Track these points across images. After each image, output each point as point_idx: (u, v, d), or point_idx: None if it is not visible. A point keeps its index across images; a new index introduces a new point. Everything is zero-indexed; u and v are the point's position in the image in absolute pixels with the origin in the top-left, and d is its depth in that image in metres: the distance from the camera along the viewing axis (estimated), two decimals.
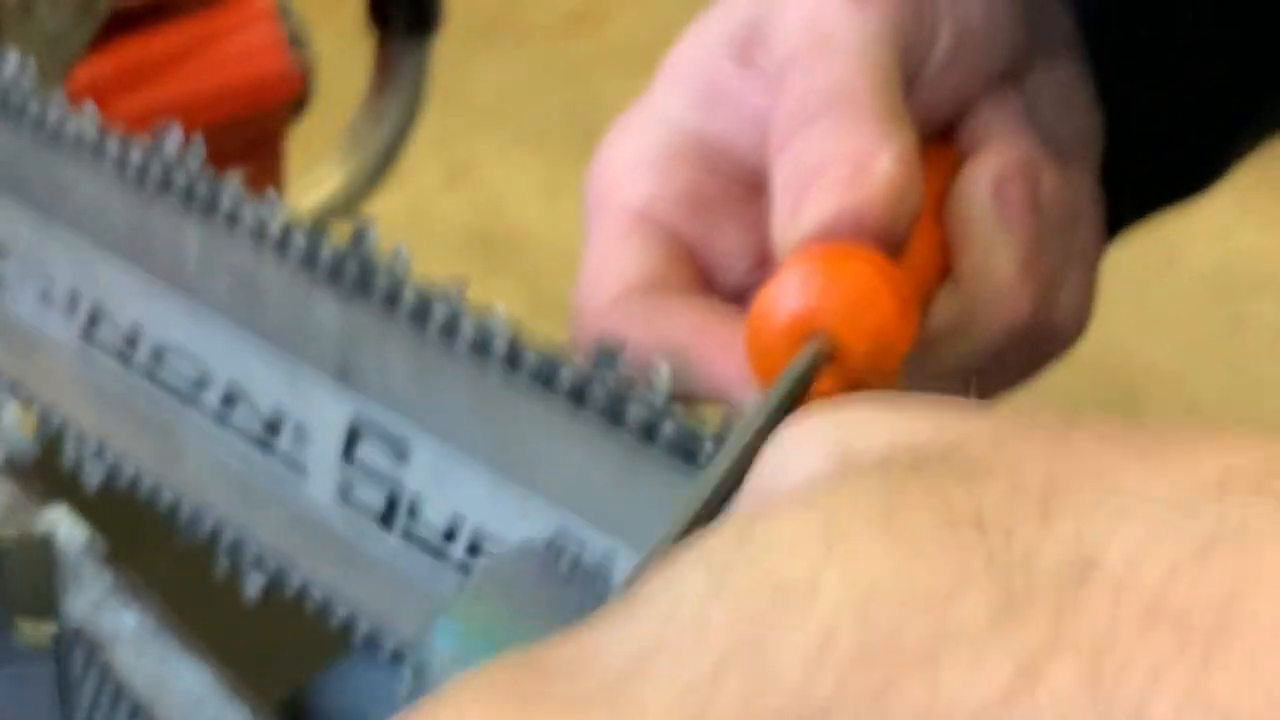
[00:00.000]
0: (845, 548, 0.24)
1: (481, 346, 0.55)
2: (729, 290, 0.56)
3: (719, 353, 0.52)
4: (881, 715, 0.23)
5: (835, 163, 0.49)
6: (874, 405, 0.28)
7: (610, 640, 0.26)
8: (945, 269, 0.55)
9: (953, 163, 0.56)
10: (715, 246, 0.56)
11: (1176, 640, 0.22)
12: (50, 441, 0.72)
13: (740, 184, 0.55)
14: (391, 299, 0.57)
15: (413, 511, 0.59)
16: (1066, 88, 0.58)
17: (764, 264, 0.54)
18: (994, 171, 0.54)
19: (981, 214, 0.54)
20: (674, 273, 0.55)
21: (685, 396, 0.52)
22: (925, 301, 0.54)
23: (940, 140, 0.57)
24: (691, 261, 0.56)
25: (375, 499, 0.60)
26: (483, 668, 0.26)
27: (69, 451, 0.70)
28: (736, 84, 0.54)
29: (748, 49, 0.54)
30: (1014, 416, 0.27)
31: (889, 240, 0.50)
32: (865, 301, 0.48)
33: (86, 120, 0.66)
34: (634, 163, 0.55)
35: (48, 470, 0.75)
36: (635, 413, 0.52)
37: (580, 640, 0.26)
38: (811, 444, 0.28)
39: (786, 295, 0.49)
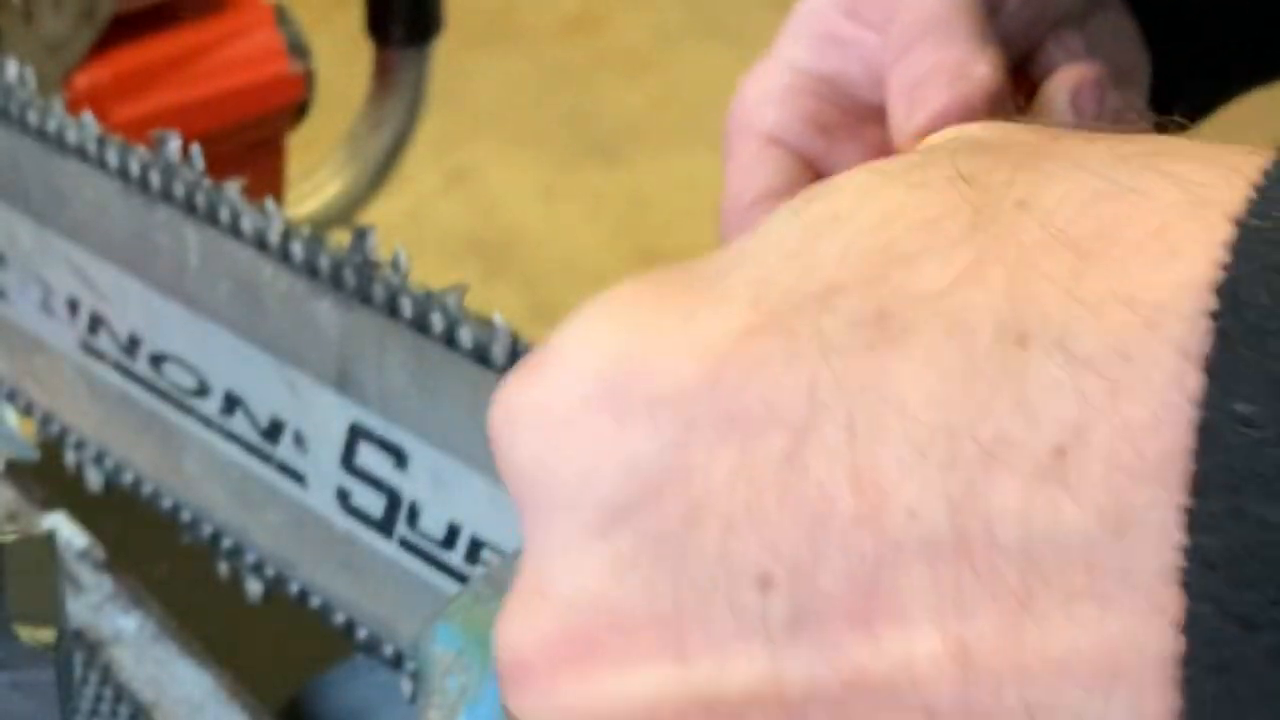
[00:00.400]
0: (880, 189, 0.34)
1: (480, 353, 0.55)
2: None
3: None
4: (874, 294, 0.33)
5: (940, 70, 0.58)
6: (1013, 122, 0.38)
7: (720, 256, 0.36)
8: None
9: (1028, 91, 0.63)
10: (835, 163, 0.63)
11: (1068, 255, 0.31)
12: (51, 447, 0.73)
13: (854, 113, 0.63)
14: (391, 306, 0.57)
15: (412, 517, 0.59)
16: (1117, 29, 0.66)
17: None
18: (1072, 81, 0.62)
19: (1061, 115, 0.61)
20: (801, 184, 0.62)
21: None
22: None
23: (1016, 73, 0.63)
24: (815, 176, 0.63)
25: (374, 505, 0.60)
26: (641, 275, 0.36)
27: (69, 457, 0.71)
28: (848, 31, 0.63)
29: (854, 2, 0.63)
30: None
31: None
32: None
33: (86, 127, 0.66)
34: (764, 96, 0.63)
35: (48, 475, 0.75)
36: None
37: (708, 257, 0.36)
38: (941, 135, 0.39)
39: None
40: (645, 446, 0.34)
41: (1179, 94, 0.70)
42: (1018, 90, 0.63)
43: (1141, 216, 0.32)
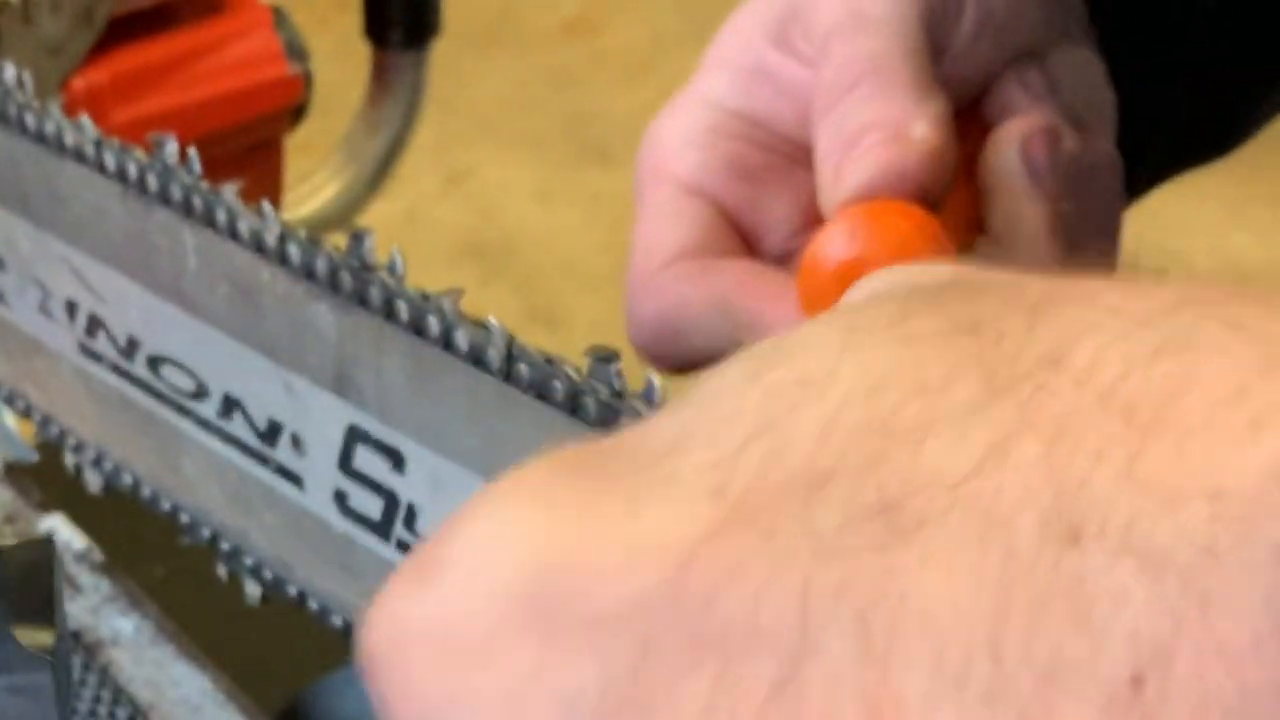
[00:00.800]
0: (860, 348, 0.29)
1: (478, 354, 0.55)
2: (773, 255, 0.60)
3: (769, 302, 0.55)
4: (874, 480, 0.27)
5: (876, 126, 0.53)
6: (920, 262, 0.33)
7: (657, 427, 0.30)
8: (978, 224, 0.59)
9: (981, 130, 0.60)
10: (759, 214, 0.59)
11: (1121, 425, 0.26)
12: (49, 449, 0.73)
13: (782, 155, 0.59)
14: (388, 308, 0.57)
15: (409, 520, 0.59)
16: (1082, 65, 0.62)
17: (806, 230, 0.58)
18: (1021, 132, 0.58)
19: (1010, 172, 0.57)
20: (722, 238, 0.58)
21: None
22: (962, 253, 0.58)
23: (968, 111, 0.61)
24: (737, 229, 0.59)
25: (372, 507, 0.60)
26: (548, 452, 0.30)
27: (68, 459, 0.71)
28: (776, 64, 0.58)
29: (785, 32, 0.58)
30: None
31: (928, 197, 0.54)
32: (908, 250, 0.52)
33: (84, 129, 0.66)
34: (683, 139, 0.59)
35: (46, 478, 0.75)
36: (630, 420, 0.52)
37: (633, 430, 0.30)
38: (858, 289, 0.34)
39: (835, 245, 0.53)
40: (585, 679, 0.27)
41: (1150, 137, 0.65)
42: (971, 135, 0.59)
43: (1210, 378, 0.26)
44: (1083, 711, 0.24)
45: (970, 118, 0.60)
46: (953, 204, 0.57)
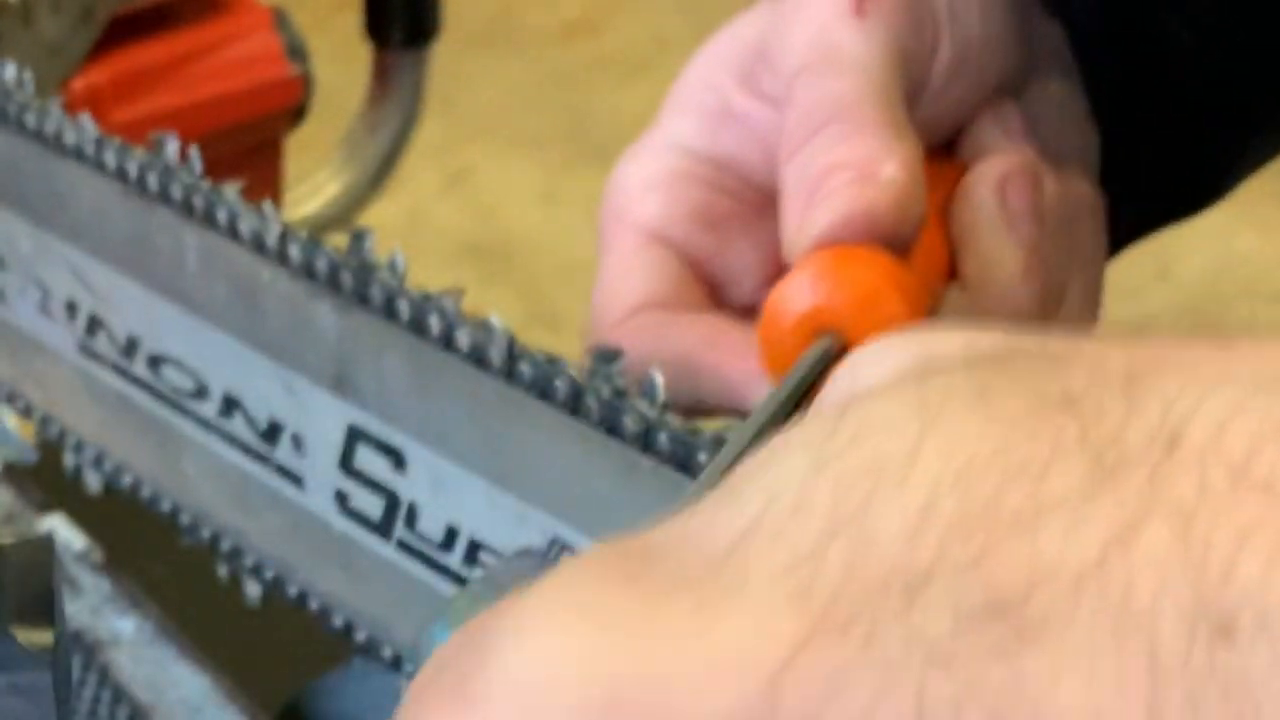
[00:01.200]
0: (941, 426, 0.26)
1: (479, 354, 0.55)
2: (739, 306, 0.58)
3: (730, 358, 0.53)
4: (983, 577, 0.24)
5: (842, 169, 0.51)
6: (947, 325, 0.30)
7: (711, 523, 0.27)
8: (950, 271, 0.57)
9: (955, 172, 0.58)
10: (726, 263, 0.57)
11: (1263, 504, 0.23)
12: (49, 449, 0.73)
13: (749, 202, 0.56)
14: (389, 308, 0.57)
15: (410, 520, 0.59)
16: (1062, 102, 0.60)
17: (773, 279, 0.55)
18: (997, 174, 0.56)
19: (985, 215, 0.55)
20: (685, 290, 0.57)
21: (690, 410, 0.53)
22: (932, 302, 0.55)
23: (942, 151, 0.59)
24: (702, 279, 0.57)
25: (373, 507, 0.60)
26: (590, 549, 0.27)
27: (68, 459, 0.71)
28: (743, 105, 0.56)
29: (752, 72, 0.56)
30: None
31: (896, 242, 0.51)
32: (873, 300, 0.50)
33: (85, 129, 0.66)
34: (646, 184, 0.56)
35: (46, 477, 0.75)
36: (631, 422, 0.52)
37: (681, 525, 0.27)
38: (888, 354, 0.30)
39: (797, 294, 0.51)
40: None
41: (1134, 177, 0.62)
42: (944, 177, 0.57)
43: None
44: None
45: (944, 159, 0.58)
46: (923, 250, 0.54)
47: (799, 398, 0.47)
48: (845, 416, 0.27)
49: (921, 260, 0.54)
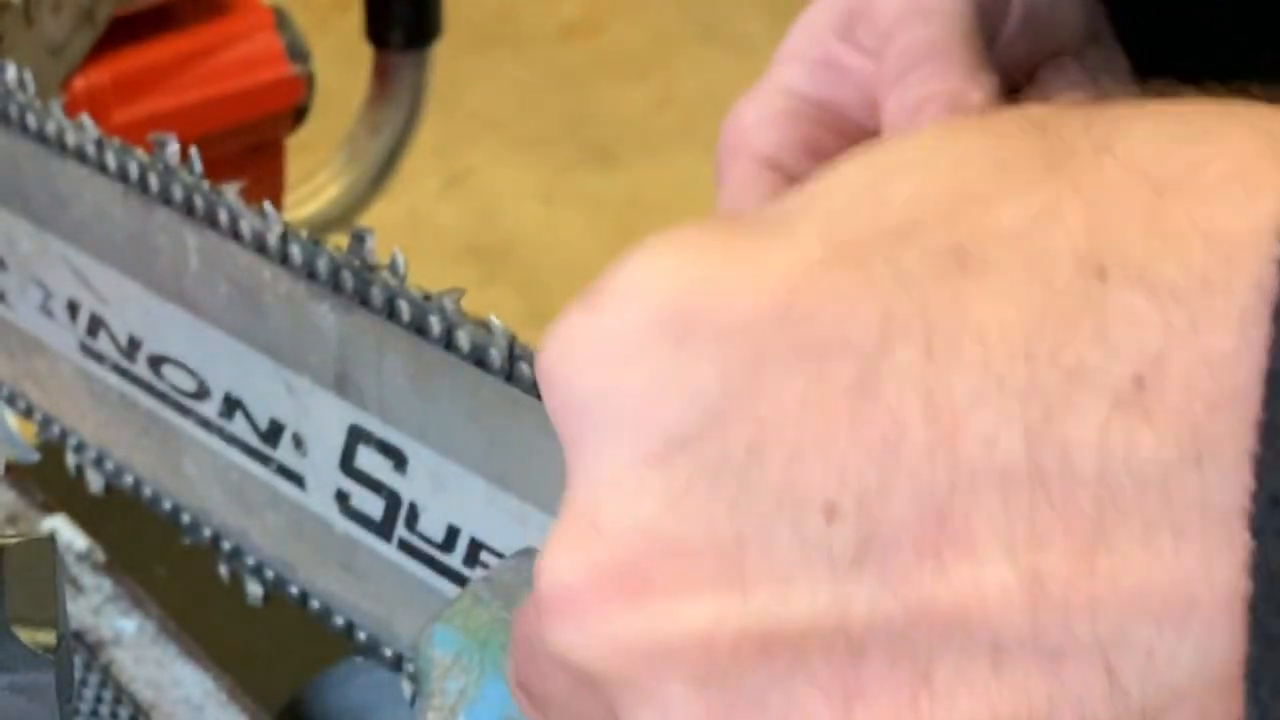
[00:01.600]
0: (952, 138, 0.35)
1: (479, 354, 0.56)
2: None
3: None
4: (950, 231, 0.33)
5: (936, 97, 0.57)
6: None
7: (784, 201, 0.36)
8: None
9: None
10: None
11: (1148, 194, 0.32)
12: (51, 450, 0.73)
13: (851, 139, 0.61)
14: (389, 308, 0.58)
15: (411, 518, 0.59)
16: (1119, 68, 0.64)
17: None
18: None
19: None
20: None
21: None
22: None
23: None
24: None
25: (373, 507, 0.60)
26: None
27: (70, 460, 0.71)
28: (845, 55, 0.62)
29: (851, 27, 0.62)
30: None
31: None
32: None
33: (85, 130, 0.66)
34: (761, 120, 0.62)
35: (48, 478, 0.75)
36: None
37: (769, 205, 0.36)
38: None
39: None
40: (710, 376, 0.34)
41: None
42: None
43: (1220, 160, 0.32)
44: (1096, 404, 0.31)
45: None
46: None
47: None
48: (898, 135, 0.37)
49: None
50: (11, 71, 0.69)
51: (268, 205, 0.61)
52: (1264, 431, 0.30)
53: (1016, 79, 0.63)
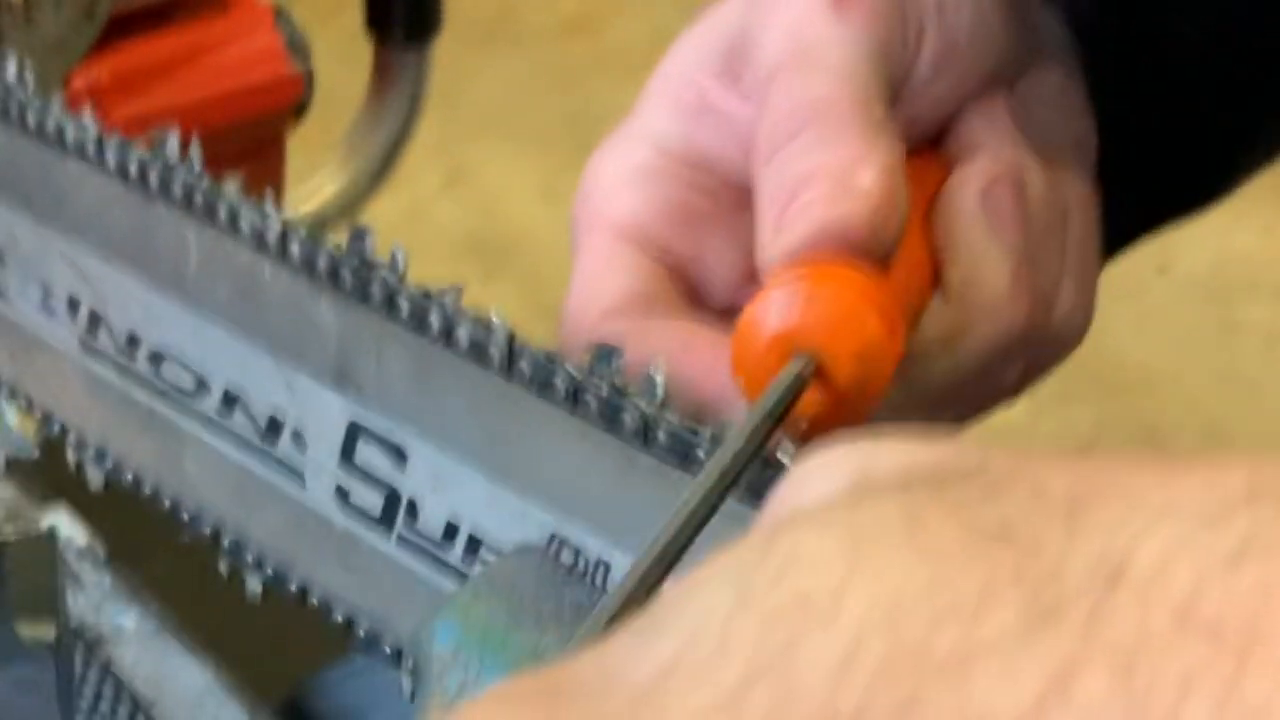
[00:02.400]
0: (869, 562, 0.24)
1: (479, 350, 0.56)
2: (719, 304, 0.57)
3: (704, 368, 0.52)
4: None
5: (817, 177, 0.49)
6: (894, 434, 0.29)
7: (632, 657, 0.26)
8: (937, 276, 0.55)
9: (942, 170, 0.56)
10: (704, 261, 0.55)
11: (1208, 648, 0.22)
12: (51, 445, 0.73)
13: (727, 200, 0.55)
14: (389, 305, 0.58)
15: (411, 514, 0.59)
16: (1058, 91, 0.58)
17: (754, 278, 0.53)
18: (980, 179, 0.54)
19: (969, 224, 0.54)
20: (661, 289, 0.55)
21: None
22: (915, 314, 0.53)
23: (929, 147, 0.57)
24: (679, 277, 0.56)
25: (373, 501, 0.60)
26: (499, 685, 0.26)
27: (69, 455, 0.71)
28: (722, 99, 0.54)
29: (732, 64, 0.54)
30: (1032, 448, 0.27)
31: (874, 254, 0.49)
32: (849, 320, 0.48)
33: (86, 125, 0.66)
34: (622, 180, 0.55)
35: (48, 473, 0.75)
36: (631, 416, 0.52)
37: (600, 657, 0.26)
38: (831, 468, 0.28)
39: (770, 314, 0.49)
40: None
41: (1135, 172, 0.60)
42: (930, 177, 0.55)
43: None
44: None
45: (930, 156, 0.56)
46: (906, 255, 0.52)
47: (772, 424, 0.47)
48: (774, 546, 0.26)
49: (905, 267, 0.52)
50: (12, 67, 0.69)
51: (268, 202, 0.61)
52: None
53: (934, 124, 0.56)
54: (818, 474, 0.29)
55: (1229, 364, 2.34)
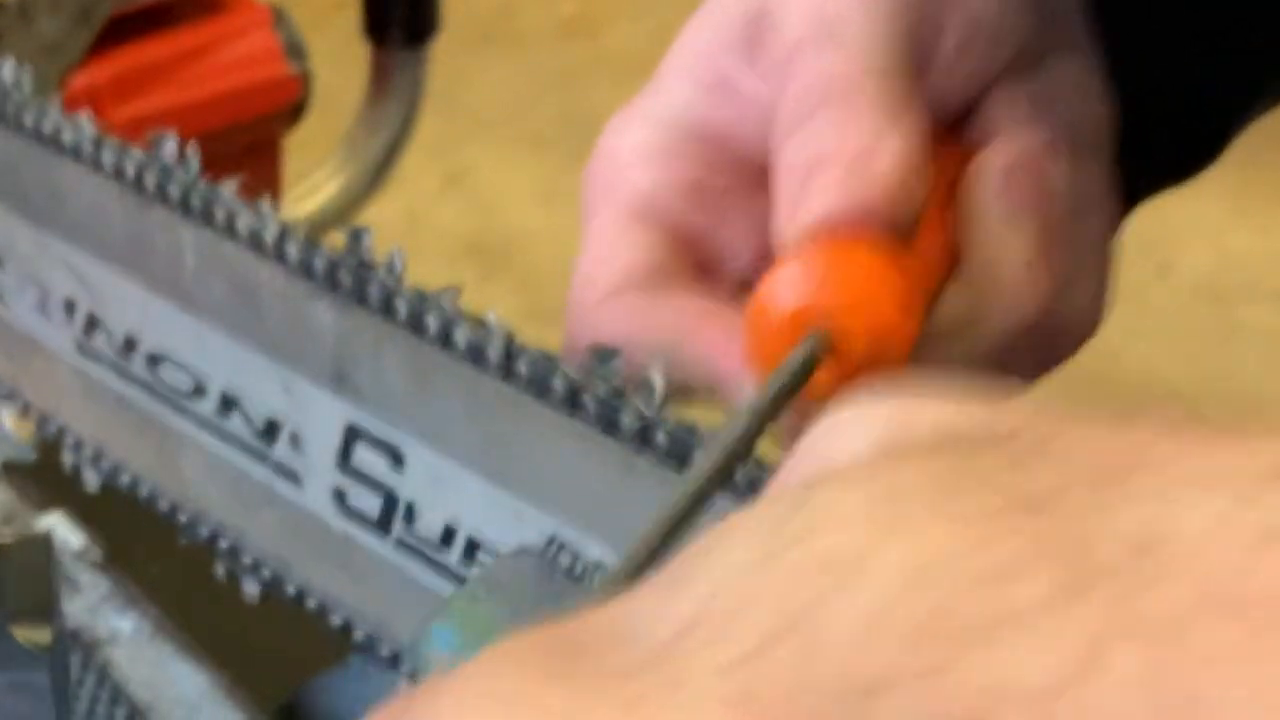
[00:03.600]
0: (899, 525, 0.24)
1: (477, 353, 0.55)
2: (733, 281, 0.56)
3: (716, 345, 0.52)
4: (937, 694, 0.22)
5: (837, 155, 0.48)
6: (926, 391, 0.28)
7: (651, 612, 0.25)
8: (955, 260, 0.54)
9: (964, 153, 0.56)
10: (720, 238, 0.55)
11: (1240, 626, 0.22)
12: (47, 448, 0.73)
13: (746, 175, 0.54)
14: (387, 307, 0.57)
15: (409, 517, 0.59)
16: (1079, 78, 0.58)
17: (769, 255, 0.52)
18: (1003, 163, 0.54)
19: (990, 207, 0.53)
20: (674, 265, 0.54)
21: (680, 391, 0.52)
22: (933, 294, 0.53)
23: (951, 130, 0.56)
24: (693, 253, 0.55)
25: (371, 504, 0.60)
26: (512, 637, 0.25)
27: (66, 458, 0.71)
28: (742, 75, 0.54)
29: (753, 39, 0.54)
30: (1068, 409, 0.27)
31: (892, 233, 0.49)
32: (865, 297, 0.48)
33: (83, 127, 0.66)
34: (638, 154, 0.54)
35: (45, 476, 0.75)
36: (629, 419, 0.52)
37: (619, 610, 0.25)
38: (861, 426, 0.28)
39: (785, 289, 0.48)
40: None
41: (1154, 151, 0.60)
42: (954, 157, 0.55)
43: None
44: None
45: (952, 139, 0.56)
46: (926, 236, 0.52)
47: (784, 399, 0.46)
48: (801, 503, 0.25)
49: (924, 247, 0.52)
50: (9, 69, 0.69)
51: (264, 203, 0.61)
52: None
53: (957, 106, 0.55)
54: (850, 427, 0.28)
55: (1229, 365, 2.34)
